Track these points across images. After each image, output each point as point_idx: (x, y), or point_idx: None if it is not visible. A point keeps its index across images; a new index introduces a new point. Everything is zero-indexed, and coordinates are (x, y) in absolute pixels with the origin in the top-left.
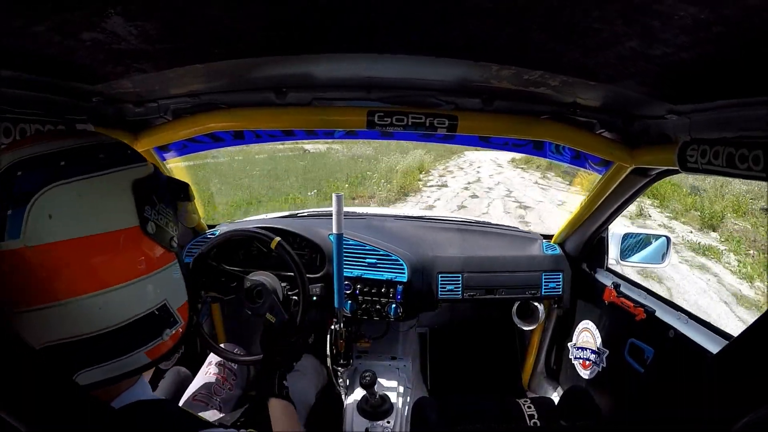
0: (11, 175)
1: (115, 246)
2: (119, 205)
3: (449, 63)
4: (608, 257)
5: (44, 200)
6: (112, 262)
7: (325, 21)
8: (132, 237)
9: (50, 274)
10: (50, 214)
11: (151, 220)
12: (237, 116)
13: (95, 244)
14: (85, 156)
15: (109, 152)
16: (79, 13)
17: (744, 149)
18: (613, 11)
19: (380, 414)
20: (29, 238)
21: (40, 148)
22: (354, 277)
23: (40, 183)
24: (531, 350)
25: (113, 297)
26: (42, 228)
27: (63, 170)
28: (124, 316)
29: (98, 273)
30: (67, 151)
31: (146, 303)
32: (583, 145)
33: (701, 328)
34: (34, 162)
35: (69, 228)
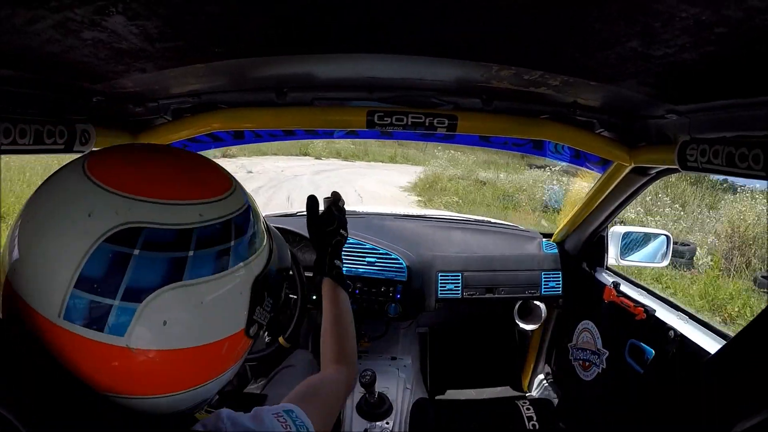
0: (126, 243)
1: (217, 352)
2: (235, 310)
3: (449, 63)
4: (608, 256)
5: (162, 302)
6: (209, 365)
7: (326, 21)
8: (235, 341)
9: (144, 375)
10: (165, 321)
11: (256, 322)
12: (237, 116)
13: (201, 352)
14: (216, 243)
15: (239, 234)
16: (80, 12)
17: (744, 148)
18: (614, 11)
19: (379, 414)
20: (134, 341)
21: (165, 214)
22: (353, 276)
23: (160, 279)
24: (531, 351)
25: (196, 392)
26: (152, 334)
27: (189, 265)
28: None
29: (193, 376)
30: (200, 231)
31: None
32: (583, 144)
33: (702, 328)
34: (157, 239)
35: (181, 338)
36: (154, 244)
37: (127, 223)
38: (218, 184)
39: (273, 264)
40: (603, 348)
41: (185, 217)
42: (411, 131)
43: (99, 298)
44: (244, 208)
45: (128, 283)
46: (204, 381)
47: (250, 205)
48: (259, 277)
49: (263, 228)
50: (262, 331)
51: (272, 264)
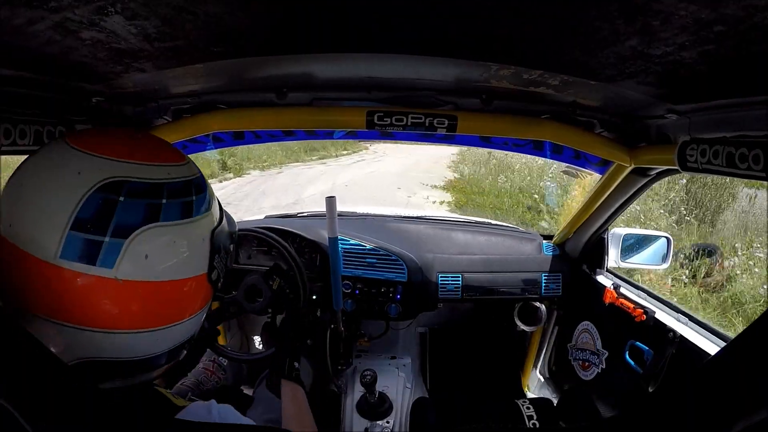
0: (112, 191)
1: (181, 291)
2: (199, 253)
3: (448, 62)
4: (608, 258)
5: (144, 239)
6: (175, 304)
7: (325, 20)
8: (198, 283)
9: (119, 307)
10: (147, 255)
11: (216, 269)
12: (237, 116)
13: (172, 288)
14: (181, 195)
15: (197, 192)
16: (79, 12)
17: (744, 148)
18: (613, 10)
19: (380, 414)
20: (122, 272)
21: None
22: (354, 277)
23: (141, 219)
24: (531, 351)
25: (161, 334)
26: (135, 266)
27: (164, 210)
28: (161, 348)
29: (160, 313)
30: (169, 186)
31: (180, 337)
32: (583, 144)
33: (701, 330)
34: (137, 189)
35: (157, 271)
36: (135, 193)
37: (111, 177)
38: (178, 156)
39: (224, 223)
40: (602, 348)
41: (157, 174)
42: (411, 131)
43: (92, 236)
44: (198, 175)
45: (116, 222)
46: (175, 320)
47: (202, 175)
48: (215, 229)
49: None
50: (219, 282)
51: (224, 222)
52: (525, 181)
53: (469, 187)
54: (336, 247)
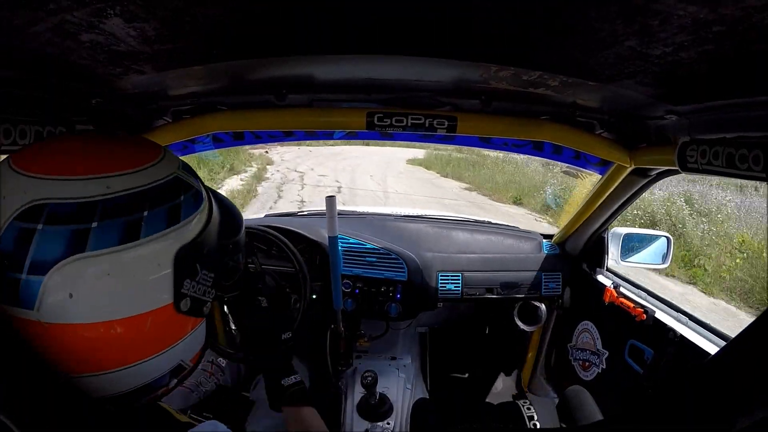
0: (31, 219)
1: (141, 328)
2: (154, 283)
3: (448, 64)
4: (608, 257)
5: (65, 274)
6: (136, 342)
7: (324, 22)
8: (163, 316)
9: (64, 351)
10: (71, 294)
11: (187, 296)
12: (237, 117)
13: (120, 327)
14: (123, 214)
15: (155, 205)
16: (78, 14)
17: (744, 149)
18: (612, 10)
19: (380, 415)
20: (45, 315)
21: (70, 189)
22: (354, 276)
23: (62, 251)
24: (531, 351)
25: (131, 371)
26: (60, 307)
27: (93, 236)
28: (138, 383)
29: (119, 353)
30: (103, 204)
31: (162, 369)
32: (583, 145)
33: (701, 329)
34: (61, 213)
35: (91, 312)
36: (57, 218)
37: (33, 201)
38: (138, 158)
39: (208, 235)
40: (603, 348)
41: (90, 191)
42: (411, 132)
43: (10, 273)
44: (165, 180)
45: (32, 256)
46: (139, 359)
47: (178, 176)
48: (186, 247)
49: (198, 199)
50: (203, 306)
51: (207, 235)
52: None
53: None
54: (336, 246)
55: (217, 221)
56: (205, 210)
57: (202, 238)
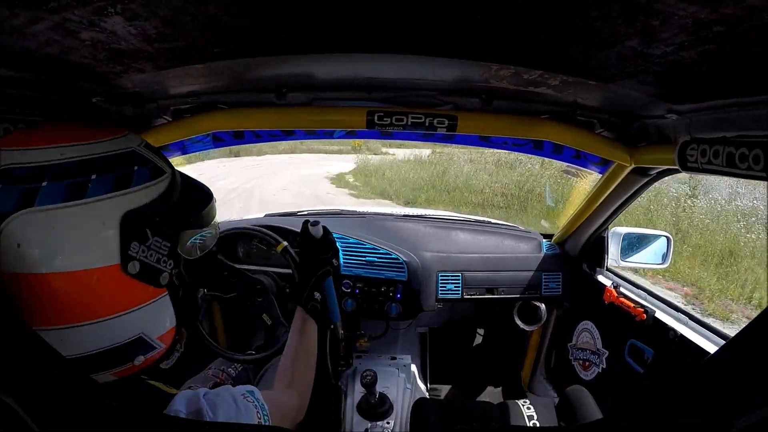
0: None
1: (87, 284)
2: (99, 241)
3: (448, 63)
4: (608, 257)
5: (13, 227)
6: (87, 299)
7: (325, 21)
8: (109, 276)
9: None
10: (18, 243)
11: (135, 259)
12: (237, 116)
13: (67, 281)
14: (72, 177)
15: (103, 171)
16: (79, 13)
17: (744, 148)
18: (614, 10)
19: (380, 414)
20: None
21: (30, 156)
22: (354, 276)
23: (13, 205)
24: (530, 351)
25: (86, 330)
26: (9, 256)
27: (42, 194)
28: (95, 346)
29: (63, 310)
30: (53, 168)
31: (120, 336)
32: (583, 144)
33: (701, 329)
34: (17, 175)
35: (37, 261)
36: (13, 179)
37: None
38: (95, 133)
39: (164, 204)
40: (603, 348)
41: (46, 156)
42: (411, 131)
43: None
44: (119, 152)
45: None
46: (90, 318)
47: (135, 150)
48: (134, 211)
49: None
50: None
51: (161, 204)
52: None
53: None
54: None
55: (177, 196)
56: (163, 183)
57: (155, 207)
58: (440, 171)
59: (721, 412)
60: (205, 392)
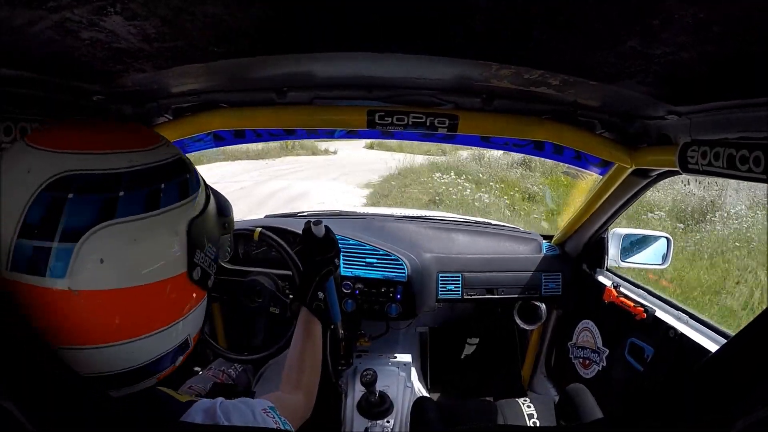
0: (61, 189)
1: (160, 295)
2: (173, 251)
3: (449, 62)
4: (608, 258)
5: (96, 241)
6: (154, 310)
7: (326, 20)
8: (178, 284)
9: (91, 320)
10: (102, 259)
11: (198, 266)
12: (238, 115)
13: (143, 294)
14: (145, 185)
15: (169, 179)
16: (79, 12)
17: (744, 150)
18: (614, 10)
19: (380, 413)
20: (75, 282)
21: (96, 162)
22: (354, 277)
23: (93, 218)
24: (531, 350)
25: (147, 341)
26: (90, 273)
27: (120, 205)
28: (151, 356)
29: (139, 321)
30: (127, 176)
31: (173, 342)
32: (584, 145)
33: (702, 327)
34: (88, 183)
35: (120, 277)
36: (87, 188)
37: (61, 172)
38: (147, 139)
39: (210, 211)
40: (603, 346)
41: (116, 163)
42: (412, 131)
43: (39, 242)
44: (173, 158)
45: (64, 224)
46: (154, 329)
47: (181, 157)
48: (195, 219)
49: (198, 180)
50: (209, 279)
51: (209, 210)
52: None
53: None
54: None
55: (213, 201)
56: (203, 191)
57: (206, 213)
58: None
59: (721, 412)
60: (221, 401)
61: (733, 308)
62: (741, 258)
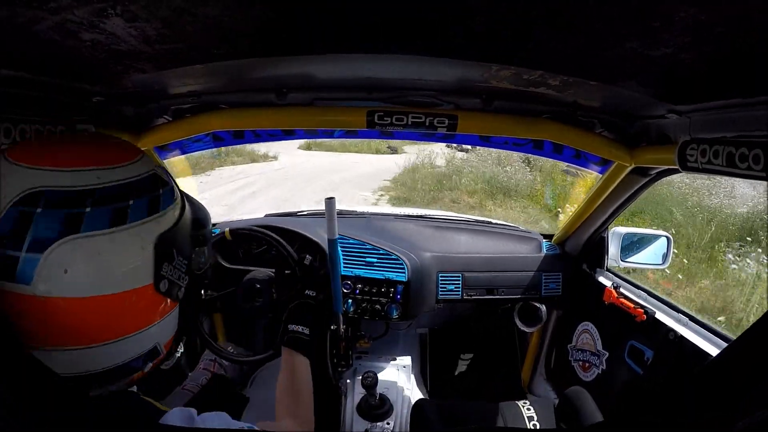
0: (32, 203)
1: (123, 304)
2: (138, 264)
3: (449, 63)
4: (608, 257)
5: (61, 252)
6: (120, 317)
7: (325, 22)
8: (144, 295)
9: (53, 324)
10: (66, 269)
11: (165, 278)
12: (238, 116)
13: (105, 303)
14: (113, 202)
15: (139, 195)
16: (79, 14)
17: (744, 148)
18: (614, 11)
19: (380, 415)
20: (39, 289)
21: (68, 179)
22: (354, 277)
23: (59, 231)
24: (530, 352)
25: (110, 348)
26: (54, 282)
27: (87, 220)
28: (115, 362)
29: (101, 328)
30: (95, 192)
31: (141, 348)
32: (584, 144)
33: (701, 330)
34: (58, 199)
35: (82, 286)
36: (54, 203)
37: (31, 188)
38: (121, 155)
39: (183, 225)
40: (603, 349)
41: (84, 180)
42: (411, 131)
43: (9, 251)
44: (146, 175)
45: (32, 236)
46: (120, 335)
47: (156, 173)
48: (164, 234)
49: (173, 194)
50: (178, 290)
51: (181, 225)
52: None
53: None
54: (335, 249)
55: (188, 215)
56: (178, 204)
57: (177, 228)
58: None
59: (721, 413)
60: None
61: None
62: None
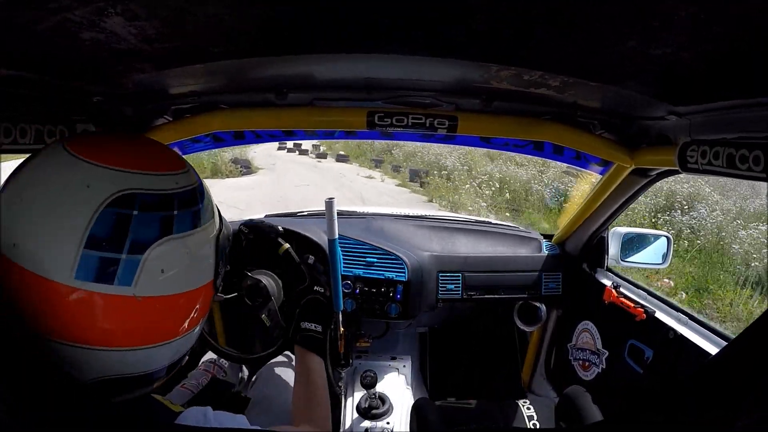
0: (125, 205)
1: (194, 301)
2: (208, 260)
3: (449, 63)
4: (608, 257)
5: (159, 254)
6: (189, 314)
7: (325, 21)
8: (207, 291)
9: (137, 324)
10: (163, 269)
11: (220, 274)
12: (238, 116)
13: (188, 299)
14: (190, 204)
15: (202, 199)
16: (79, 13)
17: (744, 149)
18: (614, 11)
19: (380, 414)
20: (140, 289)
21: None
22: (354, 276)
23: (156, 234)
24: (530, 351)
25: (173, 345)
26: (154, 282)
27: (176, 221)
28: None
29: (176, 324)
30: (179, 196)
31: (188, 347)
32: (584, 145)
33: (701, 329)
34: (152, 202)
35: (176, 284)
36: (148, 206)
37: (123, 190)
38: (181, 162)
39: (225, 227)
40: (603, 348)
41: (166, 185)
42: (411, 132)
43: (108, 254)
44: (199, 183)
45: (132, 238)
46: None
47: (201, 180)
48: (218, 234)
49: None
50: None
51: (224, 227)
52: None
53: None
54: (335, 249)
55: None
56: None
57: (222, 228)
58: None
59: (721, 413)
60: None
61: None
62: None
